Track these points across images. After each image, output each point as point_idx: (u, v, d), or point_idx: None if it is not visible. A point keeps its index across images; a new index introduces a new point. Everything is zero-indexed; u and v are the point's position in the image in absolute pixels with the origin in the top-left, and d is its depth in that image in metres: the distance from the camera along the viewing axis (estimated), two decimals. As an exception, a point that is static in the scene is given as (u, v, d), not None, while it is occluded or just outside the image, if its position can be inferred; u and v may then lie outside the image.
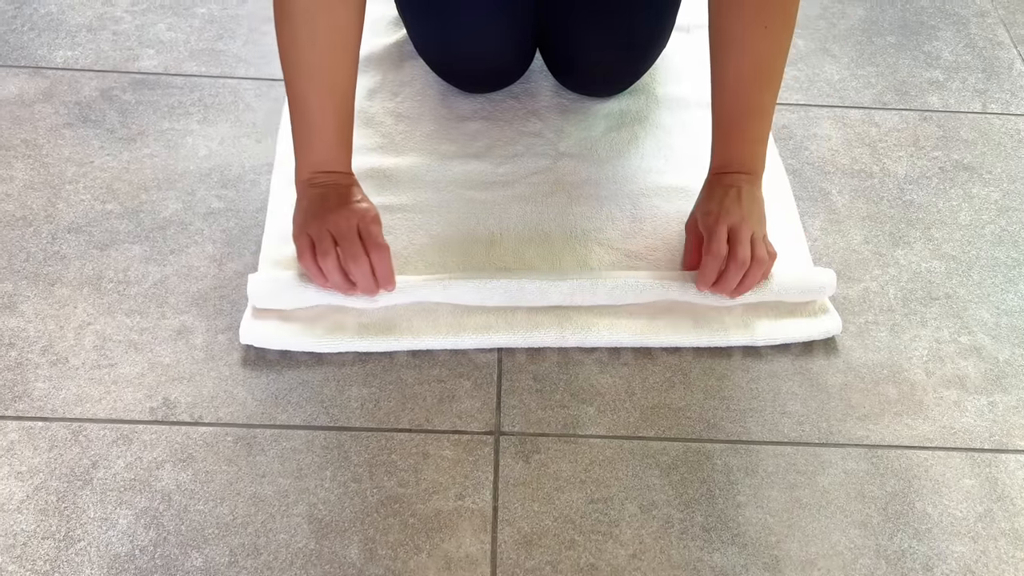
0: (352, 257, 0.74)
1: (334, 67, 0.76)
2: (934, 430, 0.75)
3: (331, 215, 0.75)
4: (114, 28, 1.06)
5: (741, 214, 0.78)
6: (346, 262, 0.74)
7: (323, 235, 0.74)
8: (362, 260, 0.74)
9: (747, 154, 0.81)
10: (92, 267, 0.82)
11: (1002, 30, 1.14)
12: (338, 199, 0.77)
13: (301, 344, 0.76)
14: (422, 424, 0.73)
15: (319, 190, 0.78)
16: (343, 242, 0.74)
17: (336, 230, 0.75)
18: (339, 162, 0.79)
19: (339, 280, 0.75)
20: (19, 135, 0.93)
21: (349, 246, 0.74)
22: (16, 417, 0.72)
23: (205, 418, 0.72)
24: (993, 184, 0.95)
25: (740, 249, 0.76)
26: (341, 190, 0.78)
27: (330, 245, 0.74)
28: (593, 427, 0.73)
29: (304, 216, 0.77)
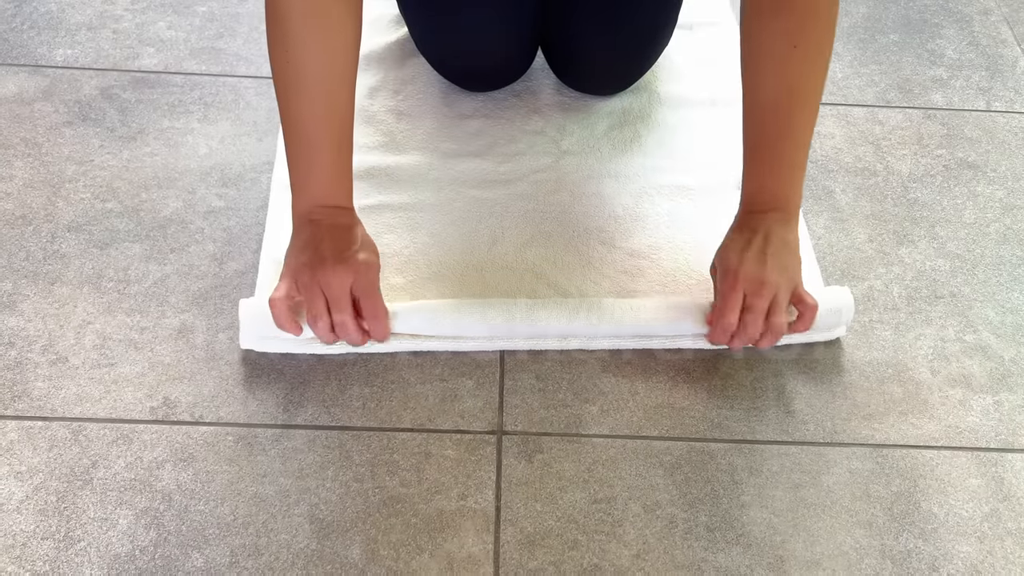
0: (344, 331, 0.71)
1: (331, 91, 0.72)
2: (939, 429, 0.74)
3: (326, 273, 0.69)
4: (114, 26, 1.05)
5: (762, 275, 0.71)
6: (339, 332, 0.71)
7: (315, 295, 0.70)
8: (353, 331, 0.71)
9: (779, 183, 0.75)
10: (92, 266, 0.81)
11: (1005, 28, 1.14)
12: (334, 247, 0.71)
13: (301, 348, 0.75)
14: (424, 423, 0.72)
15: (315, 229, 0.72)
16: (336, 308, 0.70)
17: (329, 291, 0.70)
18: (338, 195, 0.74)
19: (327, 338, 0.72)
20: (19, 134, 0.93)
21: (341, 318, 0.70)
22: (15, 417, 0.71)
23: (206, 418, 0.72)
24: (998, 182, 0.95)
25: (750, 321, 0.71)
26: (340, 234, 0.72)
27: (322, 308, 0.70)
28: (596, 426, 0.73)
29: (298, 260, 0.71)
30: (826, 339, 0.79)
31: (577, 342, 0.77)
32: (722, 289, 0.73)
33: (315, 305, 0.70)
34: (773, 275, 0.72)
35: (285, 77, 0.72)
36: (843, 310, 0.77)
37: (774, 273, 0.72)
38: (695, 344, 0.77)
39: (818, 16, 0.72)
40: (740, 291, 0.72)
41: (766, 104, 0.74)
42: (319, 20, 0.70)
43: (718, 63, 1.03)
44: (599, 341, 0.77)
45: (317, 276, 0.70)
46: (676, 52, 1.04)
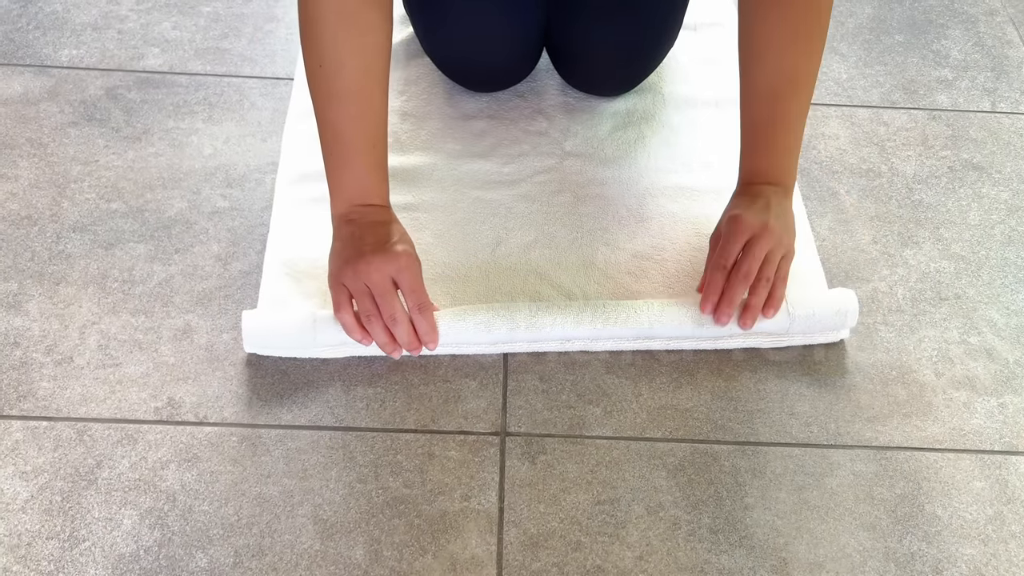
0: (392, 320, 0.71)
1: (364, 93, 0.73)
2: (943, 432, 0.74)
3: (366, 265, 0.70)
4: (119, 27, 1.06)
5: (764, 223, 0.74)
6: (389, 324, 0.71)
7: (361, 292, 0.71)
8: (404, 323, 0.71)
9: (776, 165, 0.78)
10: (97, 266, 0.82)
11: (1011, 29, 1.13)
12: (374, 242, 0.72)
13: (305, 352, 0.75)
14: (428, 424, 0.72)
15: (353, 228, 0.73)
16: (382, 301, 0.70)
17: (373, 285, 0.70)
18: (374, 194, 0.75)
19: (384, 340, 0.72)
20: (24, 134, 0.93)
21: (389, 306, 0.70)
22: (21, 417, 0.71)
23: (210, 418, 0.72)
24: (1003, 184, 0.95)
25: (747, 262, 0.72)
26: (377, 229, 0.73)
27: (373, 306, 0.70)
28: (599, 428, 0.73)
29: (339, 259, 0.72)
30: (829, 341, 0.79)
31: (580, 343, 0.77)
32: (723, 232, 0.75)
33: (364, 304, 0.71)
34: (777, 226, 0.74)
35: (319, 80, 0.73)
36: (848, 312, 0.77)
37: (778, 225, 0.75)
38: (697, 345, 0.77)
39: (818, 8, 0.75)
40: (743, 236, 0.74)
41: (764, 91, 0.77)
42: (352, 22, 0.71)
43: (722, 63, 1.03)
44: (601, 342, 0.77)
45: (359, 271, 0.70)
46: (681, 52, 1.04)
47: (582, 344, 0.77)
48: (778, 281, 0.75)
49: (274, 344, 0.75)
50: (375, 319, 0.71)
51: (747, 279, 0.73)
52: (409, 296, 0.72)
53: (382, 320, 0.71)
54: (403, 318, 0.71)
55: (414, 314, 0.72)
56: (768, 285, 0.74)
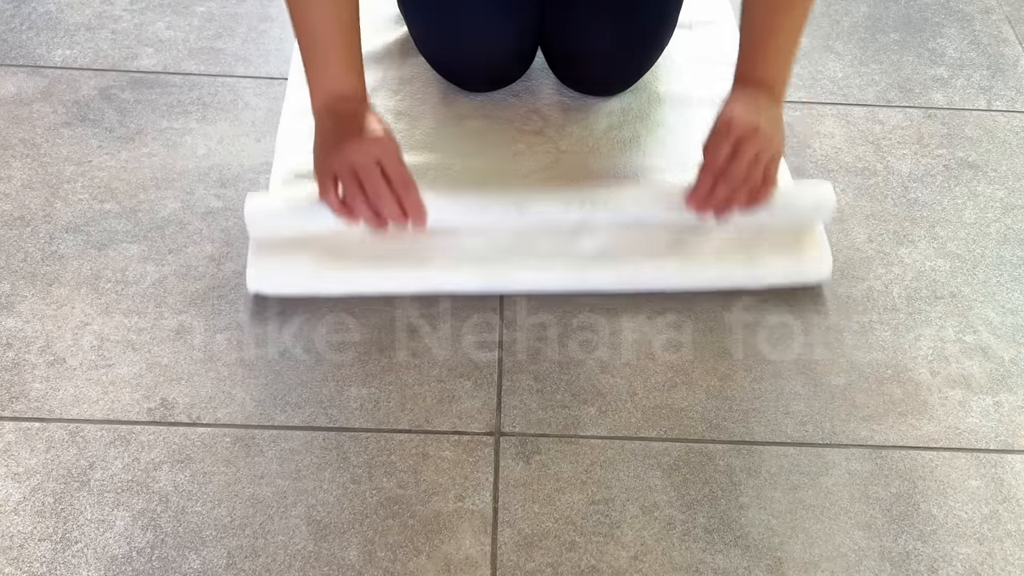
0: (378, 197, 0.74)
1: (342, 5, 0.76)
2: (939, 430, 0.74)
3: (349, 148, 0.74)
4: (113, 27, 1.05)
5: (755, 126, 0.76)
6: (374, 202, 0.74)
7: (346, 173, 0.74)
8: (389, 199, 0.74)
9: (770, 71, 0.80)
10: (90, 267, 0.81)
11: (1007, 27, 1.13)
12: (353, 128, 0.76)
13: (308, 286, 0.77)
14: (422, 425, 0.72)
15: (334, 120, 0.77)
16: (367, 180, 0.74)
17: (358, 166, 0.74)
18: (350, 86, 0.79)
19: (370, 216, 0.75)
20: (17, 134, 0.93)
21: (373, 185, 0.74)
22: (13, 418, 0.71)
23: (203, 419, 0.72)
24: (998, 182, 0.94)
25: (737, 165, 0.75)
26: (356, 118, 0.77)
27: (356, 186, 0.74)
28: (594, 428, 0.73)
29: (322, 149, 0.77)
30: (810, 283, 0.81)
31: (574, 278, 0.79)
32: (716, 133, 0.77)
33: (348, 185, 0.74)
34: (767, 128, 0.77)
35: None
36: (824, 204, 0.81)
37: (768, 127, 0.77)
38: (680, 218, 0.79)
39: None
40: (734, 136, 0.76)
41: (764, 4, 0.79)
42: None
43: (717, 62, 1.03)
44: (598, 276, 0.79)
45: (343, 154, 0.74)
46: (676, 51, 1.04)
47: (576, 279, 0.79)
48: (765, 183, 0.78)
49: (274, 224, 0.78)
50: (359, 197, 0.74)
51: (735, 180, 0.76)
52: (393, 175, 0.74)
53: (367, 199, 0.74)
54: (387, 194, 0.74)
55: (400, 191, 0.75)
56: (756, 186, 0.77)
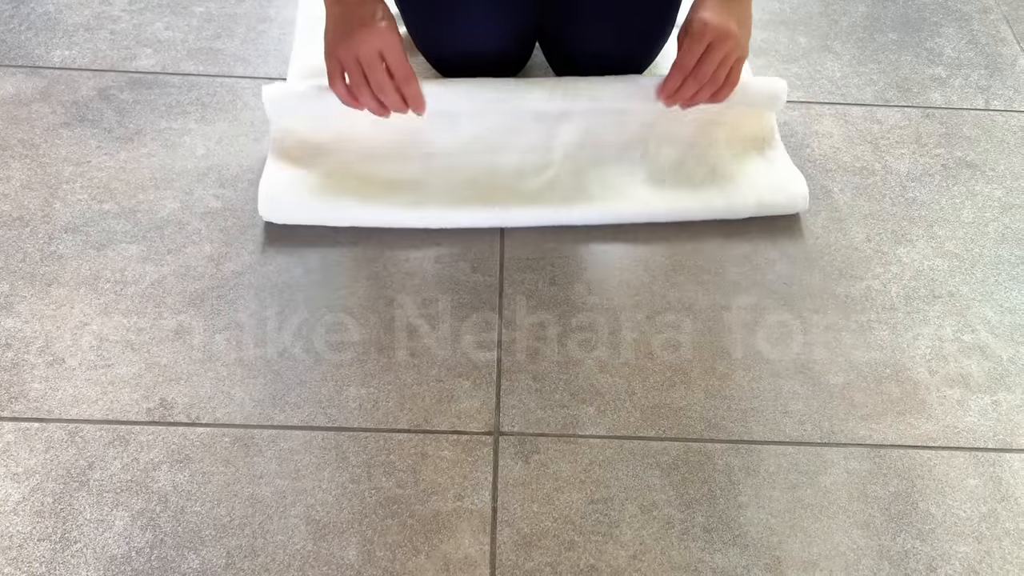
0: (381, 89, 0.81)
1: None
2: (937, 429, 0.74)
3: (355, 41, 0.79)
4: (111, 27, 1.05)
5: (727, 29, 0.82)
6: (378, 92, 0.82)
7: (352, 64, 0.80)
8: (391, 91, 0.82)
9: None
10: (89, 267, 0.81)
11: (1005, 26, 1.13)
12: (361, 20, 0.80)
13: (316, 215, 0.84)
14: (421, 424, 0.72)
15: (342, 9, 0.81)
16: (371, 72, 0.80)
17: (363, 58, 0.80)
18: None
19: (373, 106, 0.83)
20: (16, 135, 0.93)
21: (377, 77, 0.81)
22: (12, 418, 0.71)
23: (202, 419, 0.72)
24: (996, 181, 0.94)
25: (705, 66, 0.83)
26: (364, 7, 0.81)
27: (361, 77, 0.81)
28: (593, 427, 0.73)
29: (332, 37, 0.81)
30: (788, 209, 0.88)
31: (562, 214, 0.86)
32: (690, 34, 0.84)
33: (354, 75, 0.81)
34: (736, 30, 0.83)
35: None
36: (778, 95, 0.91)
37: (738, 29, 0.83)
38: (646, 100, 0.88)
39: None
40: (707, 40, 0.82)
41: None
42: None
43: None
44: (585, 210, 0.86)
45: (349, 46, 0.80)
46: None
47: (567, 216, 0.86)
48: (728, 83, 0.85)
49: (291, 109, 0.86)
50: (363, 87, 0.81)
51: (702, 79, 0.84)
52: (395, 69, 0.81)
53: (371, 89, 0.81)
54: (389, 85, 0.81)
55: (400, 84, 0.82)
56: (719, 87, 0.85)
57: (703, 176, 0.89)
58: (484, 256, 0.85)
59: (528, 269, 0.84)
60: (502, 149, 0.91)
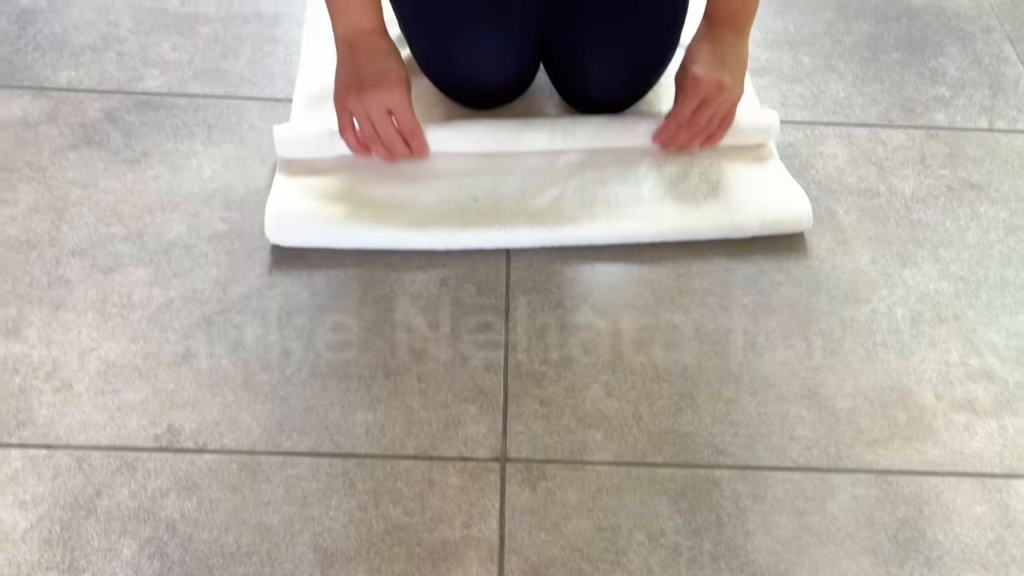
0: (390, 143, 0.88)
1: None
2: (944, 455, 0.74)
3: (366, 98, 0.84)
4: (118, 48, 1.06)
5: (720, 83, 0.86)
6: (387, 144, 0.88)
7: (362, 119, 0.86)
8: (400, 144, 0.88)
9: (739, 8, 0.88)
10: (96, 291, 0.82)
11: (1008, 46, 1.14)
12: (371, 74, 0.84)
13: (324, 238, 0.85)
14: (427, 451, 0.72)
15: (353, 53, 0.85)
16: (380, 128, 0.86)
17: (373, 115, 0.85)
18: (368, 21, 0.85)
19: (383, 154, 0.89)
20: (23, 157, 0.93)
21: (386, 132, 0.87)
22: (20, 445, 0.71)
23: (210, 445, 0.72)
24: (1001, 203, 0.95)
25: (699, 119, 0.88)
26: (374, 59, 0.85)
27: (372, 130, 0.86)
28: (600, 453, 0.73)
29: (342, 86, 0.86)
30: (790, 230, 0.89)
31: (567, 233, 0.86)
32: (685, 89, 0.88)
33: (365, 128, 0.87)
34: (730, 82, 0.87)
35: None
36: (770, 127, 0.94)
37: (732, 81, 0.87)
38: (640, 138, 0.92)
39: None
40: (700, 96, 0.87)
41: None
42: None
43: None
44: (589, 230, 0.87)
45: (361, 101, 0.85)
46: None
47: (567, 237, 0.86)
48: (721, 127, 0.90)
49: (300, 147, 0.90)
50: (374, 140, 0.87)
51: (696, 130, 0.90)
52: (402, 124, 0.87)
53: (380, 140, 0.87)
54: (398, 140, 0.88)
55: (407, 136, 0.88)
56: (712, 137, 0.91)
57: (706, 193, 0.90)
58: (490, 278, 0.85)
59: (534, 291, 0.84)
60: (506, 170, 0.91)
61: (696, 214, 0.88)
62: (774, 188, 0.91)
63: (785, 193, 0.90)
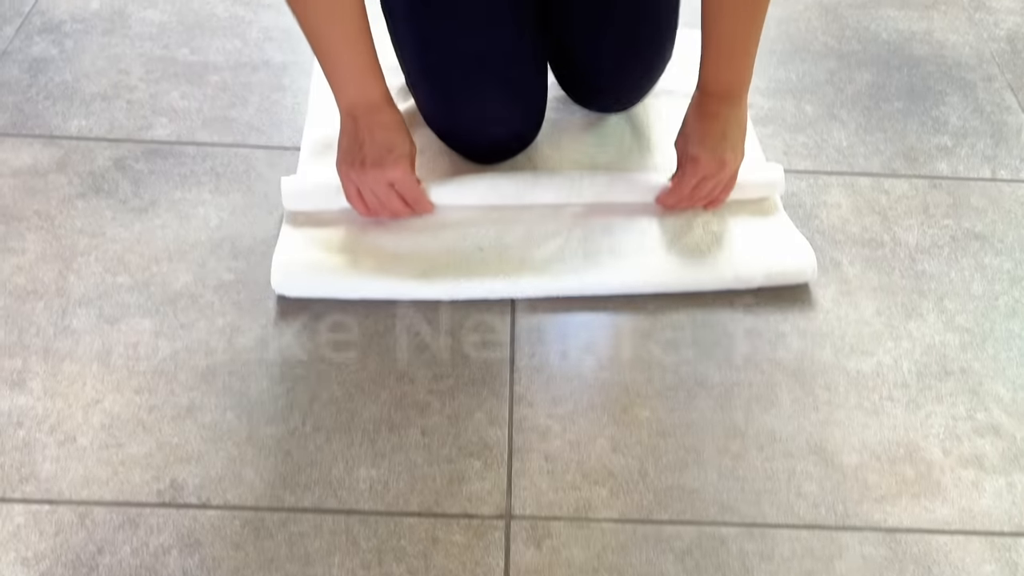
0: (394, 212, 0.90)
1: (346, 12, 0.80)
2: (953, 513, 0.73)
3: (367, 177, 0.85)
4: (128, 96, 1.07)
5: (720, 162, 0.87)
6: (392, 214, 0.90)
7: (368, 192, 0.87)
8: (404, 211, 0.90)
9: (735, 71, 0.87)
10: (102, 342, 0.82)
11: (1009, 94, 1.15)
12: (374, 152, 0.84)
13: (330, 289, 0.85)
14: (431, 507, 0.72)
15: (358, 128, 0.85)
16: (386, 201, 0.88)
17: (377, 191, 0.87)
18: (370, 92, 0.85)
19: (388, 216, 0.91)
20: (32, 206, 0.94)
21: (392, 206, 0.89)
22: (23, 500, 0.71)
23: (213, 501, 0.71)
24: (1005, 253, 0.95)
25: (701, 192, 0.90)
26: (377, 135, 0.85)
27: (376, 200, 0.88)
28: (606, 510, 0.72)
29: (345, 157, 0.86)
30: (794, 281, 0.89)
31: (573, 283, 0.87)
32: (685, 169, 0.89)
33: (370, 199, 0.88)
34: (730, 158, 0.88)
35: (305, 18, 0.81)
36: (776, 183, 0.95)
37: (731, 157, 0.88)
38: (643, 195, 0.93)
39: None
40: (699, 175, 0.89)
41: (727, 5, 0.83)
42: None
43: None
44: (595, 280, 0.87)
45: (363, 177, 0.86)
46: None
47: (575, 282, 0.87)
48: (723, 192, 0.91)
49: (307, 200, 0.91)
50: (377, 209, 0.89)
51: (698, 201, 0.92)
52: (407, 196, 0.88)
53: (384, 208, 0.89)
54: (402, 208, 0.89)
55: (411, 204, 0.89)
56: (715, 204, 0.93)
57: (710, 244, 0.90)
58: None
59: (539, 342, 0.84)
60: (512, 220, 0.92)
61: (700, 265, 0.88)
62: (778, 240, 0.91)
63: (789, 245, 0.91)
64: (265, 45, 1.15)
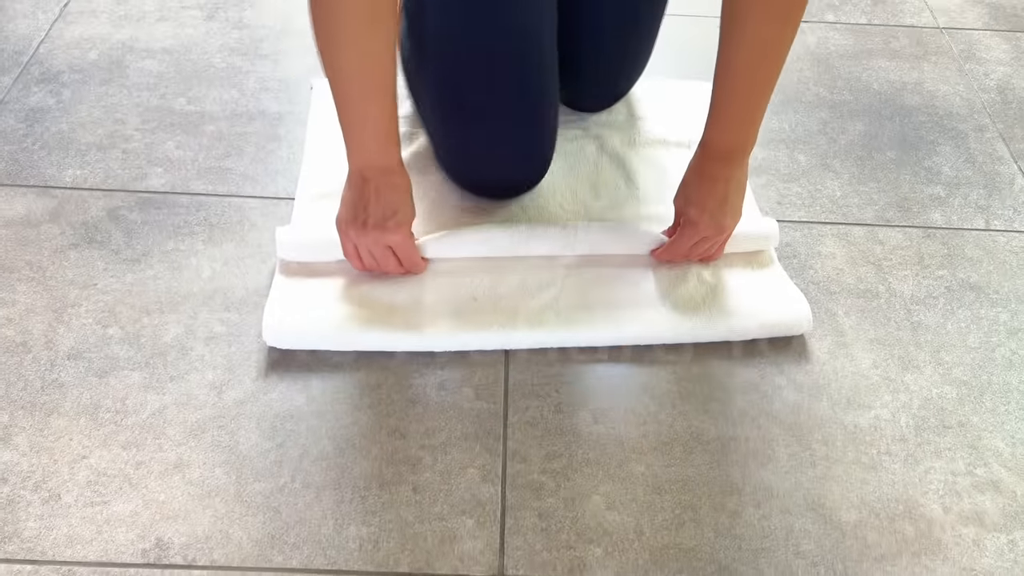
0: (390, 272, 0.90)
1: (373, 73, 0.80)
2: (954, 572, 0.72)
3: (367, 238, 0.86)
4: (124, 146, 1.07)
5: (719, 226, 0.88)
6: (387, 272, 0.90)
7: (365, 252, 0.88)
8: (399, 272, 0.90)
9: (742, 132, 0.86)
10: (90, 396, 0.81)
11: (1001, 144, 1.15)
12: (378, 210, 0.85)
13: (322, 342, 0.85)
14: (423, 567, 0.70)
15: (364, 188, 0.85)
16: (383, 262, 0.88)
17: (375, 252, 0.87)
18: (384, 158, 0.85)
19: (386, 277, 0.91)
20: (24, 257, 0.93)
21: (387, 267, 0.89)
22: (5, 560, 0.69)
23: (199, 561, 0.70)
24: (1001, 304, 0.94)
25: (698, 250, 0.91)
26: (382, 197, 0.85)
27: (373, 260, 0.88)
28: (601, 570, 0.71)
29: (347, 215, 0.86)
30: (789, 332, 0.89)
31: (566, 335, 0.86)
32: (684, 230, 0.89)
33: (367, 258, 0.88)
34: (728, 222, 0.88)
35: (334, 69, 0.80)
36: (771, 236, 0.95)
37: (728, 220, 0.88)
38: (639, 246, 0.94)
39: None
40: (700, 235, 0.89)
41: (740, 65, 0.82)
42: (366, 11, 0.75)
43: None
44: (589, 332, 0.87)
45: (362, 237, 0.86)
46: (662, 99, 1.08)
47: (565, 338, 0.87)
48: (719, 250, 0.92)
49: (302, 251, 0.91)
50: (373, 267, 0.90)
51: (694, 257, 0.93)
52: (404, 259, 0.89)
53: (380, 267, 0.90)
54: (397, 269, 0.90)
55: (407, 267, 0.90)
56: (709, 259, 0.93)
57: (704, 296, 0.90)
58: (488, 382, 0.84)
59: (533, 395, 0.83)
60: (506, 269, 0.91)
61: (695, 317, 0.88)
62: (773, 291, 0.91)
63: (784, 296, 0.90)
64: (261, 95, 1.16)
